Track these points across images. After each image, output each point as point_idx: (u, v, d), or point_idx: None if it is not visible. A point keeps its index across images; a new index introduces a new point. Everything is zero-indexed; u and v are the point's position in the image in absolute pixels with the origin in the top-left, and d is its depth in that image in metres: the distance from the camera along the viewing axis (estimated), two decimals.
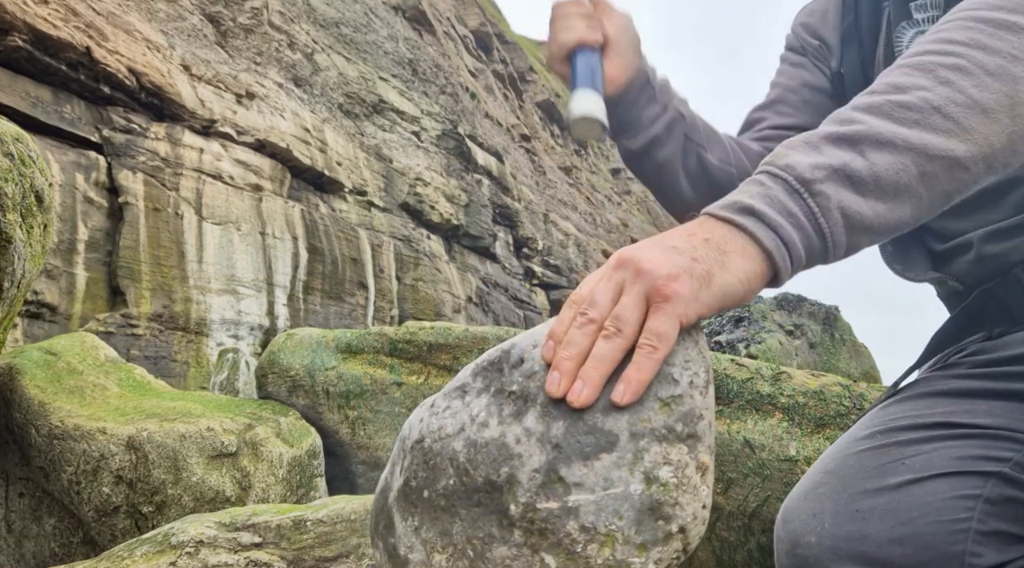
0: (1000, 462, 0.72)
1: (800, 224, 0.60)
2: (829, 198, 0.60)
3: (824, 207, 0.60)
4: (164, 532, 1.19)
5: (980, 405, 0.78)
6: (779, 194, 0.60)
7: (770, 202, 0.60)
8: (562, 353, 0.56)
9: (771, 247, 0.59)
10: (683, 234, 0.60)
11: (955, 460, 0.72)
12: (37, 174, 1.86)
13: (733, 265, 0.58)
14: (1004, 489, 0.70)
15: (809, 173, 0.61)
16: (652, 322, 0.56)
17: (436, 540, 0.60)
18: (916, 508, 0.70)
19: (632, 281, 0.57)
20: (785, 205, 0.60)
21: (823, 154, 0.62)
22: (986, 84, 0.62)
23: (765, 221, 0.59)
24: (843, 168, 0.61)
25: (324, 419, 2.44)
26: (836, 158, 0.61)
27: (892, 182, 0.61)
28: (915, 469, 0.73)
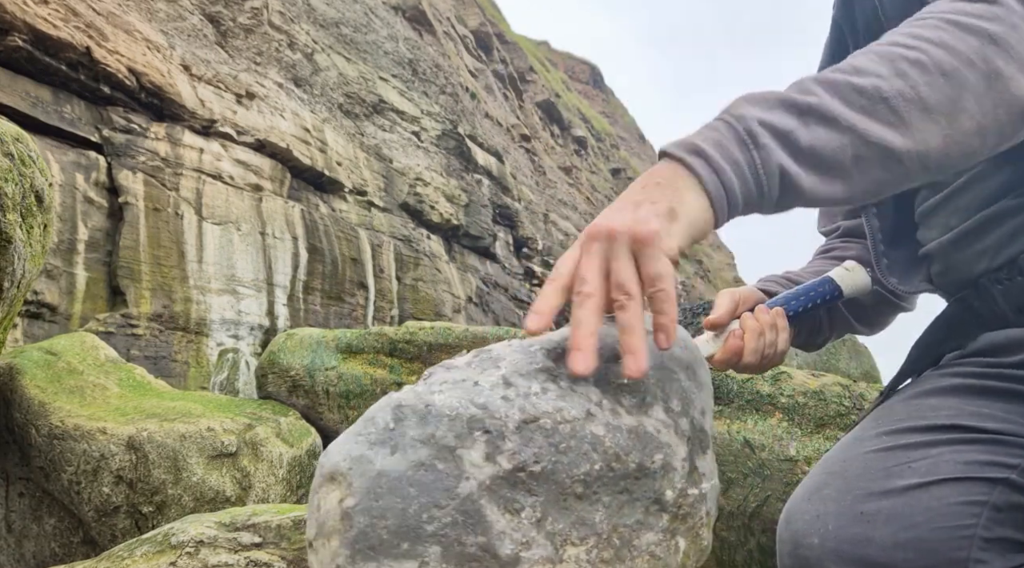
0: (1007, 468, 0.71)
1: (741, 172, 0.63)
2: (771, 153, 0.63)
3: (765, 160, 0.63)
4: (164, 532, 1.18)
5: (986, 407, 0.77)
6: (727, 141, 0.64)
7: (718, 146, 0.63)
8: (579, 333, 0.57)
9: (712, 188, 0.62)
10: (636, 187, 0.63)
11: (962, 465, 0.72)
12: (37, 174, 1.86)
13: (689, 197, 0.61)
14: (1011, 496, 0.70)
15: (756, 126, 0.64)
16: (647, 268, 0.58)
17: (570, 531, 0.56)
18: (921, 513, 0.70)
19: (612, 246, 0.59)
20: (731, 152, 0.63)
21: (773, 114, 0.65)
22: (937, 84, 0.64)
23: (711, 164, 0.62)
24: (788, 134, 0.64)
25: (324, 419, 2.44)
26: (783, 122, 0.64)
27: (827, 157, 0.64)
28: (921, 473, 0.72)
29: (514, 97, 20.83)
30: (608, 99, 35.84)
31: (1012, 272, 0.81)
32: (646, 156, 36.05)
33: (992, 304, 0.84)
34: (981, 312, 0.86)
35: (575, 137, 24.34)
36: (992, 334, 0.84)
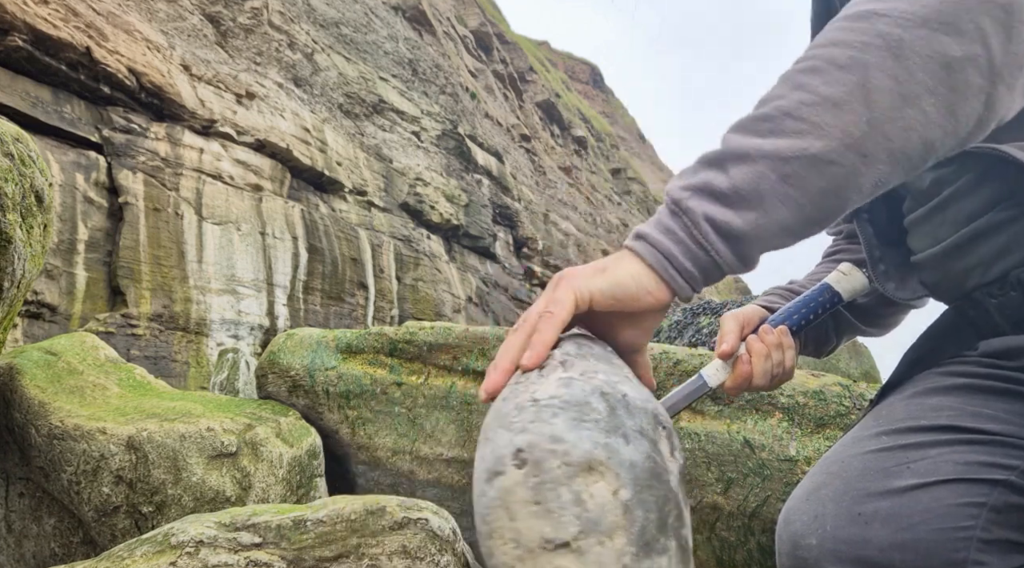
0: (1007, 470, 0.71)
1: (678, 238, 0.66)
2: (694, 212, 0.66)
3: (693, 221, 0.66)
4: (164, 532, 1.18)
5: (986, 407, 0.77)
6: (663, 216, 0.68)
7: (656, 224, 0.68)
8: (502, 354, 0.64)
9: (652, 261, 0.66)
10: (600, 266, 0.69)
11: (961, 466, 0.72)
12: (37, 174, 1.86)
13: (624, 264, 0.67)
14: (1010, 497, 0.70)
15: (678, 193, 0.68)
16: (551, 293, 0.65)
17: None
18: (919, 514, 0.70)
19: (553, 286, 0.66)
20: (665, 224, 0.67)
21: (695, 176, 0.68)
22: (835, 78, 0.64)
23: (648, 240, 0.67)
24: (706, 186, 0.66)
25: (324, 419, 2.44)
26: (701, 178, 0.67)
27: (751, 190, 0.65)
28: (920, 474, 0.72)
29: (514, 97, 20.83)
30: (608, 99, 35.84)
31: (1005, 287, 0.81)
32: (646, 156, 36.05)
33: (988, 317, 0.84)
34: (978, 323, 0.86)
35: (575, 137, 24.34)
36: (990, 341, 0.84)
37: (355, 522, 1.23)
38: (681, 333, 4.77)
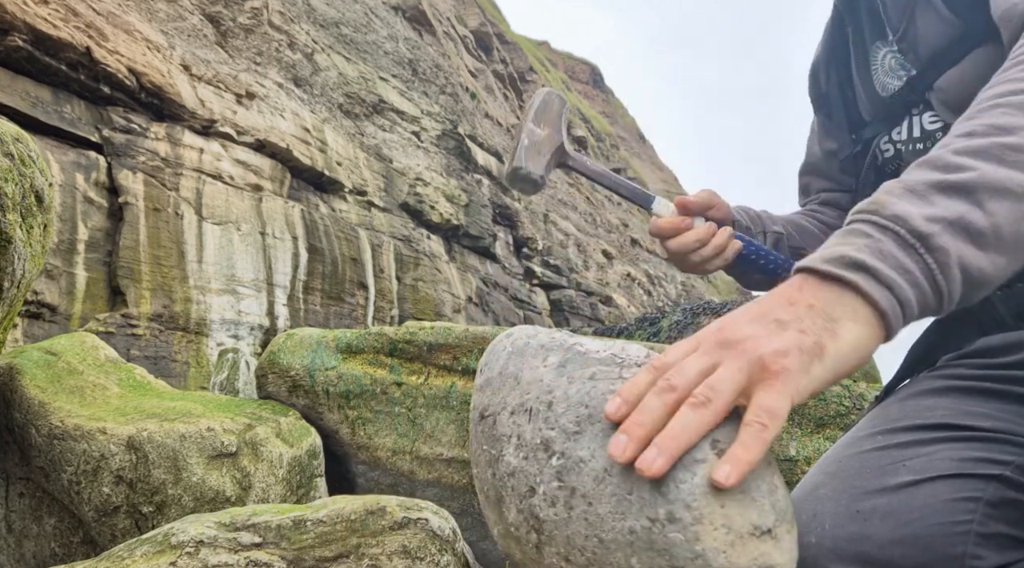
0: (1001, 465, 0.72)
1: (916, 281, 0.55)
2: (948, 254, 0.55)
3: (943, 263, 0.55)
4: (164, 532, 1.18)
5: (980, 406, 0.77)
6: (891, 248, 0.56)
7: (882, 257, 0.55)
8: (634, 417, 0.52)
9: (887, 307, 0.54)
10: (783, 303, 0.55)
11: (956, 462, 0.72)
12: (37, 174, 1.86)
13: (844, 331, 0.54)
14: (1005, 492, 0.70)
15: (924, 226, 0.56)
16: (762, 398, 0.51)
17: None
18: (917, 510, 0.70)
19: (733, 358, 0.52)
20: (899, 260, 0.55)
21: (934, 205, 0.57)
22: None
23: (879, 278, 0.55)
24: (960, 220, 0.56)
25: (324, 419, 2.44)
26: (950, 210, 0.57)
27: (1013, 233, 0.57)
28: (916, 471, 0.73)
29: (514, 97, 20.83)
30: (608, 99, 35.84)
31: (1013, 279, 0.80)
32: (646, 156, 36.07)
33: (991, 310, 0.84)
34: (980, 317, 0.86)
35: (575, 137, 24.34)
36: (988, 338, 0.84)
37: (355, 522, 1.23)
38: (681, 333, 4.77)
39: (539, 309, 14.80)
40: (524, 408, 0.62)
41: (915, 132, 0.98)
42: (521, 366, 0.65)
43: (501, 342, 0.71)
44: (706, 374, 0.53)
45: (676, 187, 36.75)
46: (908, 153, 0.99)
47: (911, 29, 0.94)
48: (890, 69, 1.00)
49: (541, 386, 0.62)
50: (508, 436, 0.62)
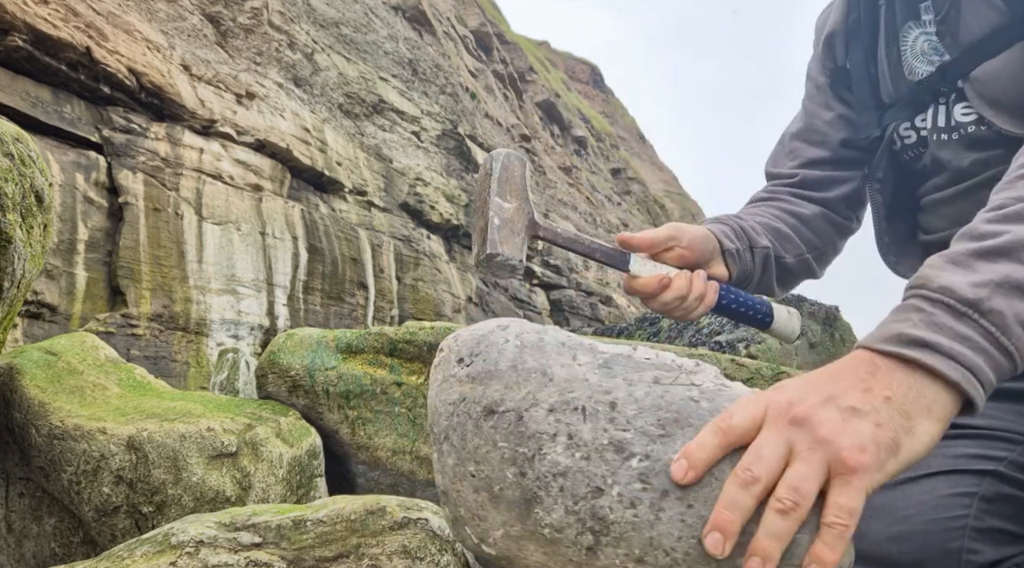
0: (995, 461, 0.72)
1: (980, 346, 0.56)
2: (1004, 315, 0.57)
3: (1001, 324, 0.57)
4: (164, 532, 1.19)
5: None
6: (945, 319, 0.57)
7: (939, 329, 0.57)
8: (726, 515, 0.53)
9: (957, 378, 0.55)
10: (859, 388, 0.55)
11: (951, 458, 0.73)
12: (37, 174, 1.86)
13: (920, 430, 0.55)
14: (1000, 487, 0.71)
15: (972, 292, 0.58)
16: (840, 497, 0.52)
17: None
18: (913, 506, 0.71)
19: (811, 448, 0.53)
20: (956, 330, 0.57)
21: (978, 271, 0.59)
22: None
23: (941, 351, 0.56)
24: (1007, 280, 0.58)
25: (324, 419, 2.44)
26: (995, 273, 0.59)
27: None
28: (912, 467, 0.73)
29: (514, 97, 20.83)
30: (608, 99, 35.85)
31: None
32: (646, 156, 36.08)
33: None
34: None
35: (575, 137, 24.35)
36: None
37: (355, 522, 1.23)
38: (681, 333, 4.77)
39: (539, 309, 14.80)
40: (571, 406, 0.62)
41: (941, 121, 0.95)
42: (546, 362, 0.65)
43: (497, 333, 0.69)
44: (784, 460, 0.53)
45: (676, 187, 36.77)
46: (934, 143, 0.96)
47: (953, 12, 0.90)
48: (921, 52, 0.96)
49: (590, 386, 0.62)
50: (551, 434, 0.61)
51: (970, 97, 0.89)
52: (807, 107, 1.17)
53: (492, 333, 0.69)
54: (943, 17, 0.92)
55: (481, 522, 0.65)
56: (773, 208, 1.12)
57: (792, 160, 1.15)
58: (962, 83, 0.90)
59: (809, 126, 1.15)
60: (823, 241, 1.12)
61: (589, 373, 0.63)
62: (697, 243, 0.95)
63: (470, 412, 0.67)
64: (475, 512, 0.66)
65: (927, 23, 0.95)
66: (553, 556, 0.61)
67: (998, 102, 0.86)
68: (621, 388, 0.62)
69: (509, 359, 0.66)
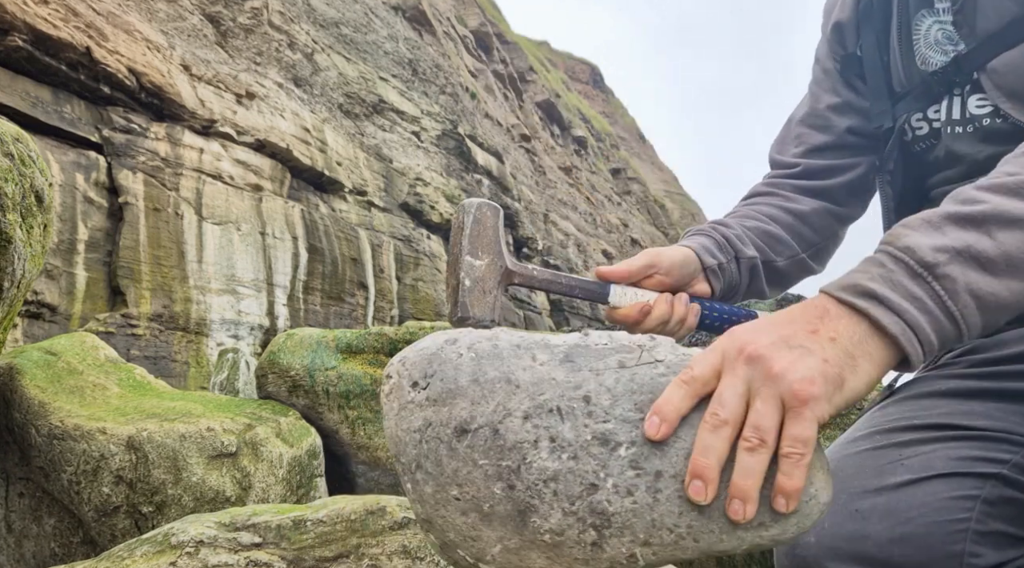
0: (998, 464, 0.72)
1: (926, 307, 0.59)
2: (955, 281, 0.59)
3: (951, 290, 0.59)
4: (164, 532, 1.19)
5: (977, 406, 0.77)
6: (901, 277, 0.60)
7: (892, 286, 0.59)
8: (702, 460, 0.55)
9: (896, 332, 0.58)
10: (807, 330, 0.59)
11: (953, 461, 0.72)
12: (37, 174, 1.86)
13: (862, 370, 0.58)
14: (1002, 490, 0.71)
15: (931, 256, 0.60)
16: (794, 428, 0.55)
17: None
18: (915, 508, 0.70)
19: (764, 384, 0.56)
20: (908, 289, 0.59)
21: (945, 235, 0.61)
22: None
23: (888, 306, 0.59)
24: (967, 249, 0.60)
25: (324, 419, 2.44)
26: (959, 240, 0.60)
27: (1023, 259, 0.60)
28: (914, 470, 0.73)
29: (514, 97, 20.83)
30: (608, 99, 35.86)
31: None
32: (646, 156, 36.08)
33: None
34: None
35: (575, 137, 24.35)
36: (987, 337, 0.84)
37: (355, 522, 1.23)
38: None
39: (539, 309, 14.80)
40: (546, 409, 0.61)
41: (955, 113, 0.93)
42: (507, 369, 0.64)
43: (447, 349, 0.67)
44: (744, 398, 0.57)
45: (676, 187, 36.76)
46: (948, 135, 0.94)
47: (971, 1, 0.88)
48: (935, 42, 0.94)
49: (558, 384, 0.62)
50: (532, 441, 0.61)
51: (987, 88, 0.87)
52: (813, 90, 1.16)
53: (442, 350, 0.67)
54: (960, 6, 0.89)
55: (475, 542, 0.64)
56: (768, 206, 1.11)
57: (796, 146, 1.14)
58: (978, 74, 0.88)
59: (814, 111, 1.14)
60: (823, 236, 1.10)
61: (554, 371, 0.63)
62: (675, 268, 0.94)
63: (440, 436, 0.64)
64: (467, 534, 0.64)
65: (942, 11, 0.93)
66: (558, 559, 0.61)
67: (1016, 94, 0.84)
68: (590, 380, 0.62)
69: (468, 374, 0.65)
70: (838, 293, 0.60)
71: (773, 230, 1.07)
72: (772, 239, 1.06)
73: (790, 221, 1.09)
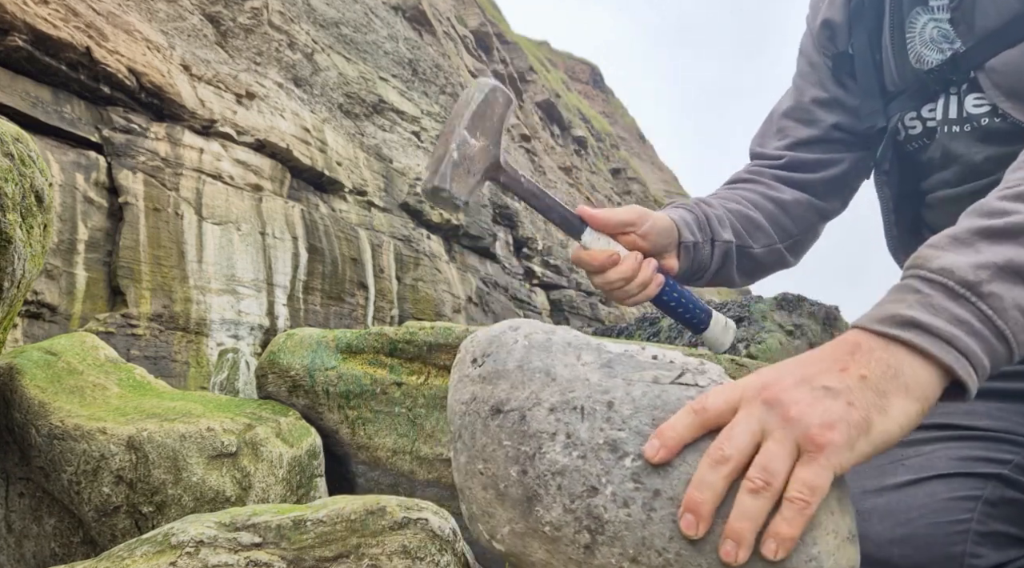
0: (1000, 464, 0.72)
1: (975, 330, 0.55)
2: (1002, 299, 0.56)
3: (999, 308, 0.56)
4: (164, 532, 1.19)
5: (979, 405, 0.77)
6: (942, 301, 0.56)
7: (934, 311, 0.56)
8: (696, 495, 0.53)
9: (950, 362, 0.54)
10: (835, 369, 0.55)
11: (955, 461, 0.72)
12: (37, 174, 1.86)
13: (894, 409, 0.54)
14: (1004, 491, 0.70)
15: (972, 274, 0.57)
16: (804, 473, 0.52)
17: None
18: (916, 509, 0.70)
19: (780, 427, 0.53)
20: (953, 312, 0.56)
21: (980, 252, 0.58)
22: None
23: (935, 333, 0.55)
24: (1009, 264, 0.57)
25: (324, 419, 2.44)
26: (998, 255, 0.57)
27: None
28: (914, 470, 0.73)
29: (514, 97, 20.82)
30: (608, 99, 35.85)
31: None
32: (646, 156, 36.07)
33: None
34: None
35: (575, 137, 24.35)
36: None
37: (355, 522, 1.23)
38: (681, 334, 4.77)
39: (539, 309, 14.80)
40: (571, 406, 0.63)
41: (952, 113, 0.91)
42: (550, 362, 0.66)
43: (507, 334, 0.70)
44: (756, 439, 0.53)
45: (676, 187, 36.74)
46: (944, 135, 0.93)
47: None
48: (930, 40, 0.92)
49: (590, 385, 0.63)
50: (550, 433, 0.62)
51: (985, 87, 0.86)
52: (798, 84, 1.14)
53: (503, 334, 0.71)
54: (958, 3, 0.88)
55: (490, 519, 0.67)
56: (751, 192, 1.09)
57: (780, 140, 1.12)
58: (976, 73, 0.87)
59: (799, 104, 1.12)
60: (800, 229, 1.09)
61: (591, 373, 0.64)
62: (654, 234, 0.93)
63: (479, 411, 0.67)
64: (484, 508, 0.67)
65: (937, 9, 0.92)
66: (555, 554, 0.62)
67: (1016, 93, 0.83)
68: (619, 388, 0.62)
69: (516, 359, 0.67)
70: (874, 326, 0.57)
71: (754, 216, 1.06)
72: (752, 225, 1.05)
73: (771, 209, 1.07)
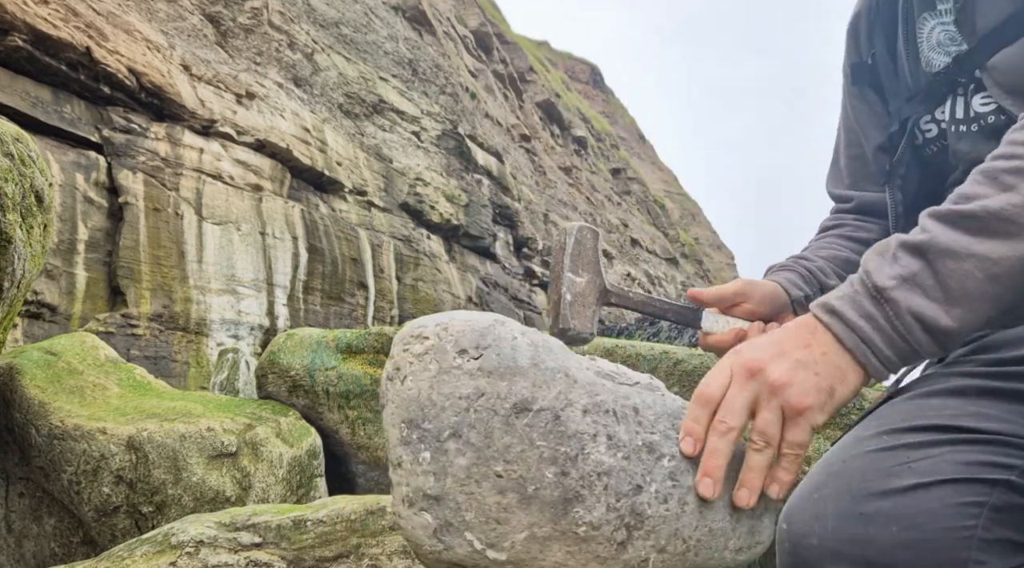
0: (1007, 470, 0.71)
1: (878, 325, 0.68)
2: (899, 304, 0.68)
3: (896, 312, 0.68)
4: (164, 532, 1.18)
5: (988, 408, 0.76)
6: (861, 298, 0.69)
7: (853, 304, 0.69)
8: (710, 461, 0.68)
9: (852, 346, 0.68)
10: (801, 345, 0.70)
11: (962, 466, 0.72)
12: (37, 174, 1.86)
13: (849, 380, 0.69)
14: (1011, 497, 0.70)
15: (882, 281, 0.69)
16: (792, 434, 0.68)
17: None
18: (921, 514, 0.70)
19: (767, 396, 0.68)
20: (865, 309, 0.69)
21: (898, 262, 0.69)
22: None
23: (845, 321, 0.69)
24: (912, 277, 0.68)
25: (324, 419, 2.44)
26: (906, 268, 0.68)
27: (958, 288, 0.67)
28: (921, 473, 0.72)
29: (514, 97, 20.83)
30: (608, 99, 35.85)
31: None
32: (646, 156, 36.07)
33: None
34: None
35: (575, 137, 24.34)
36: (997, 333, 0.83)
37: (355, 522, 1.23)
38: (681, 333, 4.77)
39: (539, 309, 14.80)
40: (602, 409, 0.66)
41: (959, 113, 0.93)
42: (564, 363, 0.67)
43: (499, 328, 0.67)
44: (750, 407, 0.68)
45: (676, 187, 36.76)
46: (953, 135, 0.94)
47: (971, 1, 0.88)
48: (938, 44, 0.95)
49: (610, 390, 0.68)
50: (592, 434, 0.64)
51: (988, 86, 0.87)
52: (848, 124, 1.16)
53: (493, 327, 0.67)
54: (962, 5, 0.89)
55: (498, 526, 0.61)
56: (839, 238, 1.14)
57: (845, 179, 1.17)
58: (980, 72, 0.88)
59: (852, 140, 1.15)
60: None
61: (601, 378, 0.68)
62: (767, 299, 1.00)
63: (495, 408, 0.63)
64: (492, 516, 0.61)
65: (944, 12, 0.93)
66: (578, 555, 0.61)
67: (1016, 90, 0.84)
68: (633, 394, 0.68)
69: (528, 357, 0.65)
70: (815, 309, 0.71)
71: (851, 257, 1.10)
72: (852, 266, 1.09)
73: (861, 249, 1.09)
